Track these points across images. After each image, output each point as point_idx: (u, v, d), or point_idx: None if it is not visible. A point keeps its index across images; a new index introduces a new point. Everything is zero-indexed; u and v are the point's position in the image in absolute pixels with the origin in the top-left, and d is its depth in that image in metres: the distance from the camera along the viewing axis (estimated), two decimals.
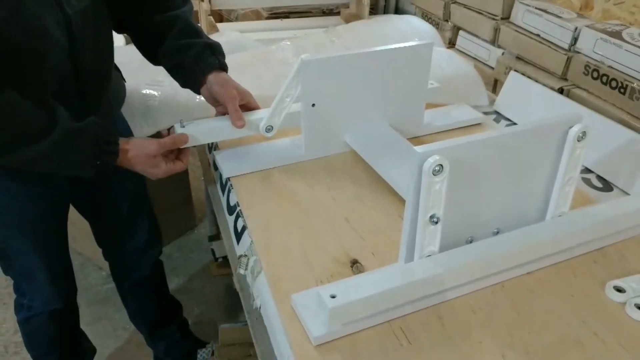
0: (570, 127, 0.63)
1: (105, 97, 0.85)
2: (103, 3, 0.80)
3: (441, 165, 0.56)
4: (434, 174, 0.56)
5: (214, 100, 0.86)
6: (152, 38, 0.86)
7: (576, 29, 1.00)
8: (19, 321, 1.01)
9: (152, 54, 0.88)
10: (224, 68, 0.86)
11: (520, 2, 1.14)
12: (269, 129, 0.85)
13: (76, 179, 0.84)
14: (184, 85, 0.89)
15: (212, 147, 0.95)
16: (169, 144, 0.79)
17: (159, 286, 1.18)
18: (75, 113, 0.73)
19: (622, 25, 0.98)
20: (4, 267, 0.93)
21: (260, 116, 0.86)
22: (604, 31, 0.95)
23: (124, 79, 0.97)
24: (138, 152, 0.77)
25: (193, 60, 0.84)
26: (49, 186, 0.85)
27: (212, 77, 0.84)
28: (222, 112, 0.85)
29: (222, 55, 0.87)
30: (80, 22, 0.74)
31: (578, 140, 0.64)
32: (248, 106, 0.86)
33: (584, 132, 0.63)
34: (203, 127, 0.84)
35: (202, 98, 0.99)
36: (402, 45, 0.88)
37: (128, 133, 0.96)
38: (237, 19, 1.80)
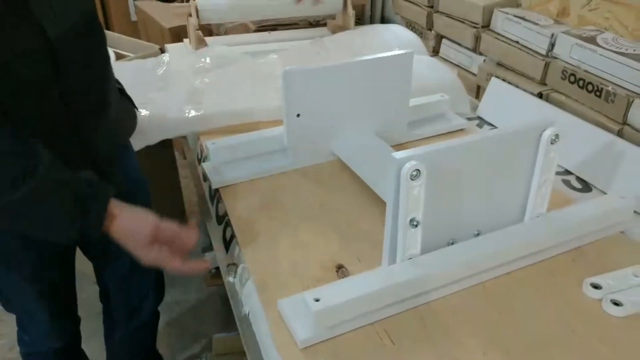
0: (543, 131, 0.66)
1: (104, 128, 0.75)
2: (95, 14, 0.71)
3: (418, 170, 0.58)
4: (411, 179, 0.58)
5: None
6: None
7: (553, 35, 1.03)
8: (21, 353, 0.96)
9: None
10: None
11: (500, 11, 1.17)
12: None
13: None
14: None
15: (202, 159, 0.97)
16: (169, 234, 0.66)
17: (152, 337, 1.14)
18: (67, 149, 0.67)
19: (597, 30, 1.01)
20: (4, 304, 0.89)
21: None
22: (580, 37, 0.98)
23: (136, 107, 0.88)
24: (128, 224, 0.64)
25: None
26: None
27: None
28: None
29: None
30: (67, 45, 0.65)
31: (551, 143, 0.66)
32: None
33: (557, 135, 0.66)
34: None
35: (193, 113, 1.01)
36: (383, 55, 0.91)
37: (135, 171, 0.90)
38: (225, 33, 1.82)
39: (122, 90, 0.86)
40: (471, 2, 1.27)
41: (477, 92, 1.25)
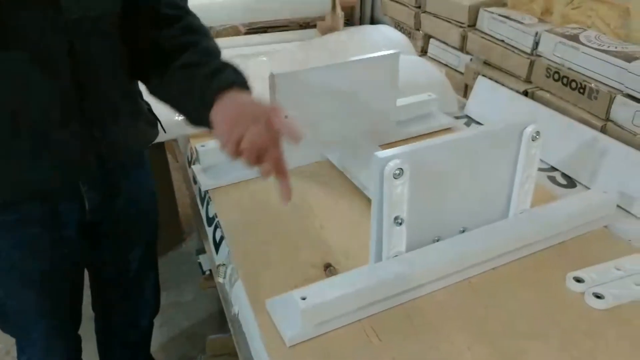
0: (525, 128, 0.67)
1: (113, 133, 0.72)
2: (116, 20, 0.68)
3: (401, 169, 0.59)
4: (394, 178, 0.59)
5: (229, 127, 0.60)
6: (163, 60, 0.69)
7: (537, 33, 1.04)
8: None
9: (159, 79, 0.70)
10: (245, 87, 0.66)
11: (485, 10, 1.19)
12: None
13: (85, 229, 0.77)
14: (192, 118, 0.69)
15: (191, 161, 0.98)
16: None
17: (147, 346, 1.11)
18: (74, 146, 0.67)
19: (579, 28, 1.02)
20: (1, 323, 0.84)
21: None
22: (563, 35, 1.00)
23: (158, 120, 0.82)
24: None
25: (209, 77, 0.64)
26: (55, 237, 0.74)
27: (231, 96, 0.63)
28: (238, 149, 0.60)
29: (244, 76, 0.68)
30: (83, 32, 0.63)
31: (533, 140, 0.67)
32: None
33: (538, 132, 0.67)
34: None
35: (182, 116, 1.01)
36: (370, 56, 0.92)
37: (149, 186, 0.87)
38: (216, 35, 1.83)
39: (146, 104, 0.82)
40: (457, 2, 1.29)
41: (465, 90, 1.26)
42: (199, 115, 0.65)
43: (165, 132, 0.86)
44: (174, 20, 0.71)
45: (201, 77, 0.65)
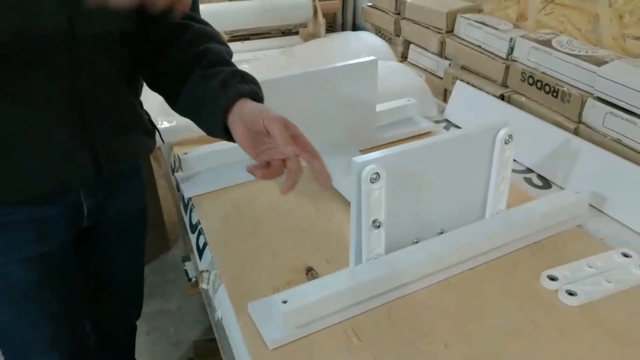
0: (498, 132, 0.69)
1: (112, 141, 0.71)
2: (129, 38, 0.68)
3: (378, 173, 0.61)
4: (372, 182, 0.61)
5: (249, 140, 0.61)
6: (178, 74, 0.69)
7: (511, 39, 1.07)
8: None
9: (176, 93, 0.70)
10: (257, 97, 0.65)
11: (462, 17, 1.21)
12: None
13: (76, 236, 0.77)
14: (207, 129, 0.69)
15: (174, 169, 0.99)
16: None
17: (131, 351, 1.11)
18: (73, 149, 0.67)
19: (552, 34, 1.05)
20: None
21: None
22: (536, 40, 1.03)
23: (158, 130, 0.82)
24: None
25: (218, 87, 0.64)
26: (45, 245, 0.72)
27: (241, 106, 0.63)
28: (264, 159, 0.62)
29: (257, 85, 0.68)
30: (90, 39, 0.63)
31: (505, 143, 0.70)
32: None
33: (510, 135, 0.69)
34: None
35: (165, 124, 1.02)
36: (348, 62, 0.94)
37: (141, 197, 0.88)
38: None
39: (145, 114, 0.82)
40: (435, 9, 1.32)
41: (445, 95, 1.29)
42: (215, 131, 0.66)
43: (163, 142, 0.87)
44: (185, 29, 0.72)
45: (210, 91, 0.65)
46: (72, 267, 0.79)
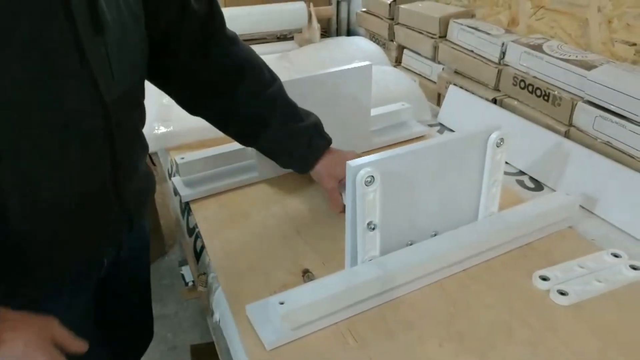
0: (490, 135, 0.71)
1: (134, 187, 0.70)
2: (144, 79, 0.69)
3: (372, 176, 0.62)
4: (366, 185, 0.62)
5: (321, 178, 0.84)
6: (252, 124, 0.80)
7: (503, 44, 1.09)
8: None
9: (251, 140, 0.84)
10: (329, 143, 0.84)
11: (455, 22, 1.23)
12: None
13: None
14: (286, 166, 0.87)
15: (172, 173, 1.00)
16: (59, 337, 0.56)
17: None
18: (109, 207, 0.65)
19: (543, 38, 1.07)
20: None
21: None
22: (527, 45, 1.04)
23: (154, 163, 0.85)
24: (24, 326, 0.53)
25: (306, 147, 0.81)
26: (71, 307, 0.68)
27: (321, 160, 0.83)
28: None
29: (322, 127, 0.85)
30: (120, 107, 0.61)
31: (497, 146, 0.71)
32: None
33: (502, 138, 0.71)
34: None
35: (162, 129, 1.04)
36: (343, 67, 0.95)
37: (145, 241, 0.87)
38: None
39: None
40: (428, 14, 1.33)
41: (438, 99, 1.31)
42: (291, 168, 0.87)
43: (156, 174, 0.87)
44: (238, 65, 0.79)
45: (301, 149, 0.82)
46: (91, 319, 0.76)
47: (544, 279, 0.69)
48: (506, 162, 0.74)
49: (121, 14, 0.59)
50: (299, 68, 1.32)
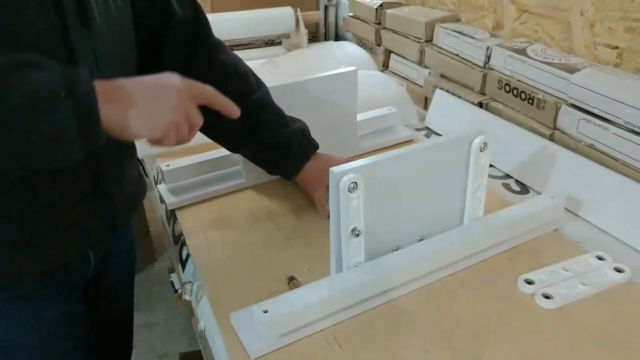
0: (473, 140, 0.71)
1: (121, 191, 0.70)
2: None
3: (355, 182, 0.62)
4: (349, 191, 0.62)
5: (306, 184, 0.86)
6: (237, 130, 0.79)
7: (488, 48, 1.09)
8: None
9: (237, 146, 0.85)
10: (316, 148, 0.86)
11: (440, 26, 1.24)
12: None
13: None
14: (273, 173, 0.88)
15: (157, 181, 0.99)
16: (201, 93, 0.61)
17: None
18: (86, 210, 0.64)
19: (527, 42, 1.08)
20: None
21: None
22: (512, 49, 1.05)
23: (147, 175, 0.84)
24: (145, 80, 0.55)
25: (292, 153, 0.83)
26: (58, 307, 0.69)
27: (307, 166, 0.84)
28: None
29: (309, 133, 0.86)
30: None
31: (481, 151, 0.71)
32: None
33: (485, 143, 0.71)
34: None
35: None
36: (328, 73, 0.95)
37: (131, 254, 0.88)
38: None
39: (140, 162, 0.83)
40: (414, 18, 1.34)
41: (425, 103, 1.31)
42: (278, 174, 0.89)
43: (147, 176, 0.87)
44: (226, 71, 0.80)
45: (292, 156, 0.83)
46: (84, 322, 0.76)
47: (529, 282, 0.70)
48: (492, 166, 0.75)
49: (109, 10, 0.60)
50: (286, 73, 1.32)
